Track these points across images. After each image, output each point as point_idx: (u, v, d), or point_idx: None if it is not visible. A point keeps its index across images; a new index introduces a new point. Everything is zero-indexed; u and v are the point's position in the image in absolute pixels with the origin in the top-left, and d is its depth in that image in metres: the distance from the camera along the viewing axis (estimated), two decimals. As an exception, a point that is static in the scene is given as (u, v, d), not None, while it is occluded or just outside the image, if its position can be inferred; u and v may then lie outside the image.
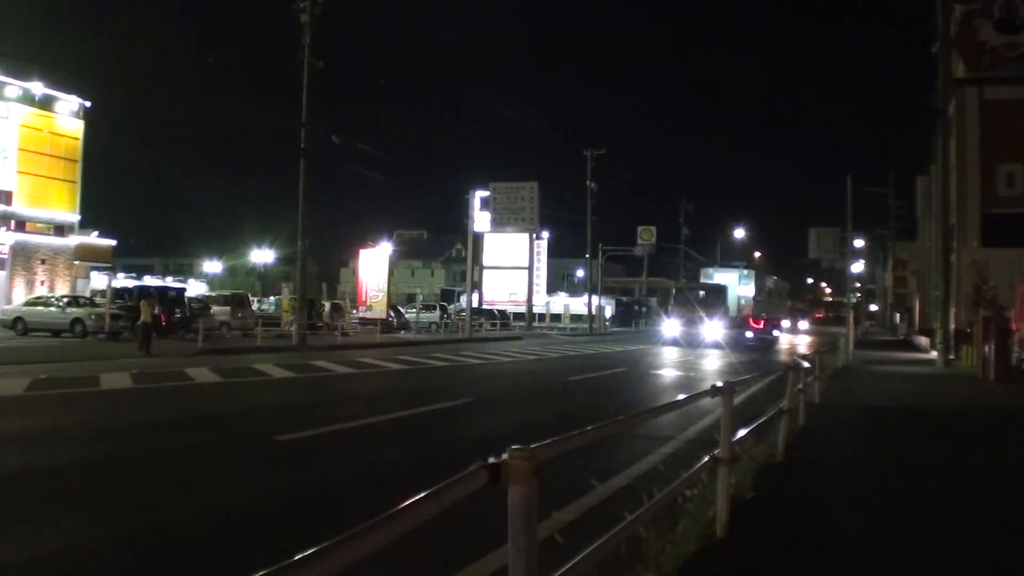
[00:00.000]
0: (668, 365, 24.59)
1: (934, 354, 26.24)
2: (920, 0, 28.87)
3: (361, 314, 42.81)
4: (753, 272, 62.14)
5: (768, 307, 63.53)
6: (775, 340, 45.00)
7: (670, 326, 40.68)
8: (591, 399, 14.59)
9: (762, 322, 45.26)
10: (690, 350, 32.86)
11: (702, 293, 44.06)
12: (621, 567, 4.19)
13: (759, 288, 76.99)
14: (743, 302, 67.04)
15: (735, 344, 36.45)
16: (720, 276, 66.08)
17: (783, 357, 28.99)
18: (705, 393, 5.30)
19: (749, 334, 41.64)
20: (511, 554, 2.51)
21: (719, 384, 5.26)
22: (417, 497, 2.11)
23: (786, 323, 68.11)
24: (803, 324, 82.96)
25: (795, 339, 51.93)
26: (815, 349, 24.35)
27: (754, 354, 31.07)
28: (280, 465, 7.78)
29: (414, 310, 52.70)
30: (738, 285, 64.44)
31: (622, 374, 20.57)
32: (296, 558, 1.63)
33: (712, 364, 25.55)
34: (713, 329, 38.87)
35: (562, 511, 5.75)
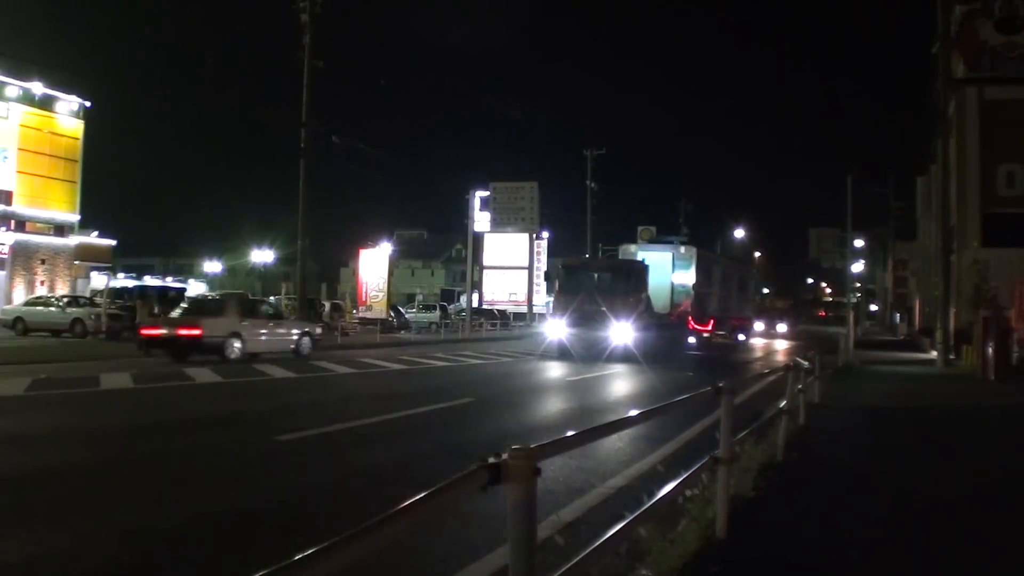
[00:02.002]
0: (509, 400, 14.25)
1: (934, 354, 26.24)
2: (920, 0, 28.87)
3: (361, 314, 42.82)
4: (695, 251, 37.13)
5: (726, 303, 38.21)
6: (738, 346, 36.83)
7: (555, 327, 25.78)
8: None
9: (711, 323, 33.14)
10: (580, 367, 21.37)
11: (606, 277, 26.80)
12: (621, 567, 4.19)
13: (705, 274, 42.22)
14: (682, 294, 38.74)
15: (665, 355, 25.18)
16: (645, 256, 36.73)
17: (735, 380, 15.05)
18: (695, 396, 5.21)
19: (691, 340, 31.02)
20: (511, 554, 2.52)
21: (720, 384, 5.23)
22: (417, 497, 2.11)
23: (757, 325, 52.74)
24: (782, 327, 64.83)
25: (764, 348, 39.69)
26: (782, 363, 15.98)
27: (689, 373, 20.55)
28: (280, 465, 7.77)
29: (414, 310, 52.71)
30: (672, 270, 36.83)
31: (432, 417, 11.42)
32: (296, 558, 1.63)
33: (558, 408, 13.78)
34: (623, 332, 24.18)
35: (562, 511, 5.76)
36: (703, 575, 4.46)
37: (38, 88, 38.45)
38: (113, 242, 44.90)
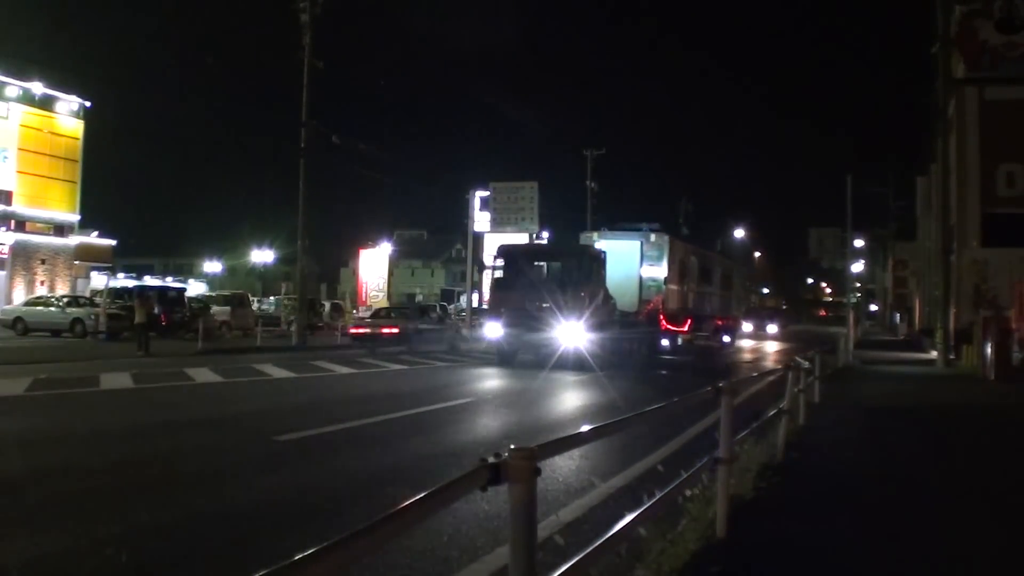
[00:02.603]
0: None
1: (934, 354, 26.25)
2: (920, 0, 28.86)
3: (361, 314, 42.87)
4: (667, 240, 29.56)
5: (707, 300, 34.55)
6: (723, 349, 33.37)
7: (492, 328, 22.08)
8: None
9: (688, 322, 29.15)
10: (521, 375, 18.67)
11: (554, 267, 22.56)
12: (621, 567, 4.19)
13: (681, 267, 32.73)
14: (652, 289, 30.92)
15: (630, 360, 22.43)
16: (609, 246, 28.35)
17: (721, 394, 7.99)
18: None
19: (664, 342, 27.12)
20: (511, 554, 2.52)
21: (720, 384, 5.25)
22: (417, 497, 2.11)
23: (745, 326, 49.66)
24: (772, 328, 60.12)
25: (752, 351, 37.02)
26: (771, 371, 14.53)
27: (663, 372, 21.12)
28: (280, 465, 7.77)
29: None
30: (640, 262, 29.03)
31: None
32: (296, 558, 1.63)
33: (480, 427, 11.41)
34: (574, 333, 20.11)
35: (562, 511, 5.76)
36: (703, 575, 4.46)
37: (38, 88, 38.46)
38: (113, 242, 44.91)
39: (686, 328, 29.11)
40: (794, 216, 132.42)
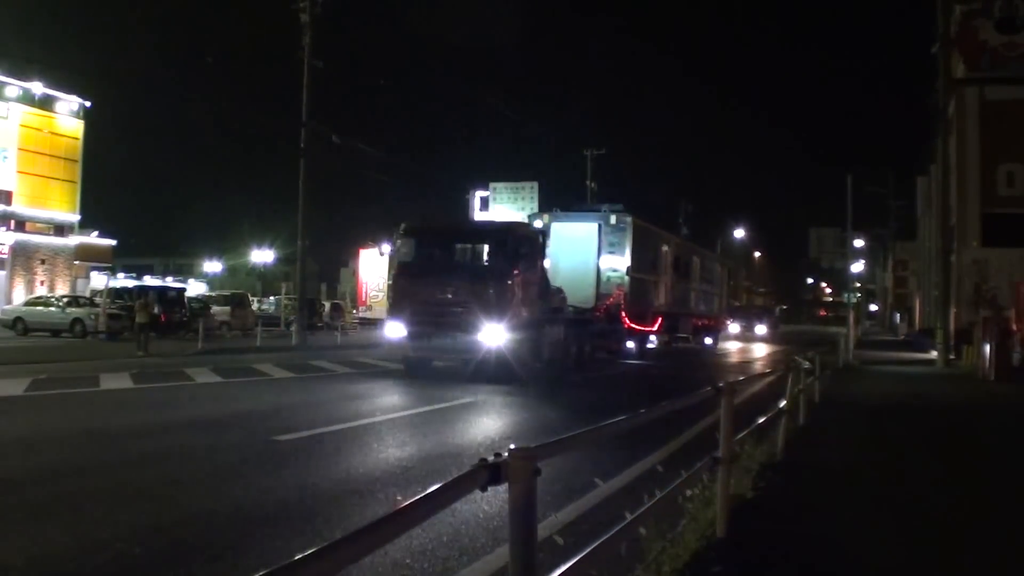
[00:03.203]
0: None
1: (934, 354, 26.25)
2: (920, 0, 28.89)
3: (361, 314, 42.85)
4: (630, 222, 23.44)
5: (685, 296, 29.88)
6: (703, 352, 30.30)
7: (394, 329, 16.95)
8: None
9: (658, 321, 25.13)
10: (429, 390, 14.29)
11: (473, 250, 17.84)
12: (621, 567, 4.19)
13: (649, 256, 26.17)
14: (613, 281, 24.31)
15: (582, 366, 19.44)
16: (562, 230, 23.52)
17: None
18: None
19: (630, 344, 23.90)
20: (511, 554, 2.52)
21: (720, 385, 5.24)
22: (417, 497, 2.11)
23: (731, 325, 46.35)
24: (761, 328, 54.91)
25: (738, 354, 32.50)
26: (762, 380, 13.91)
27: (575, 406, 13.20)
28: (279, 465, 7.77)
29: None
30: (599, 250, 23.43)
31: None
32: (296, 558, 1.63)
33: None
34: (498, 334, 15.88)
35: (562, 511, 5.76)
36: (703, 575, 4.46)
37: (38, 88, 38.44)
38: (113, 242, 44.91)
39: (656, 327, 25.51)
40: (794, 216, 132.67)
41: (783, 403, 8.53)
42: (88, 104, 41.17)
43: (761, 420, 7.84)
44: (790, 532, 5.52)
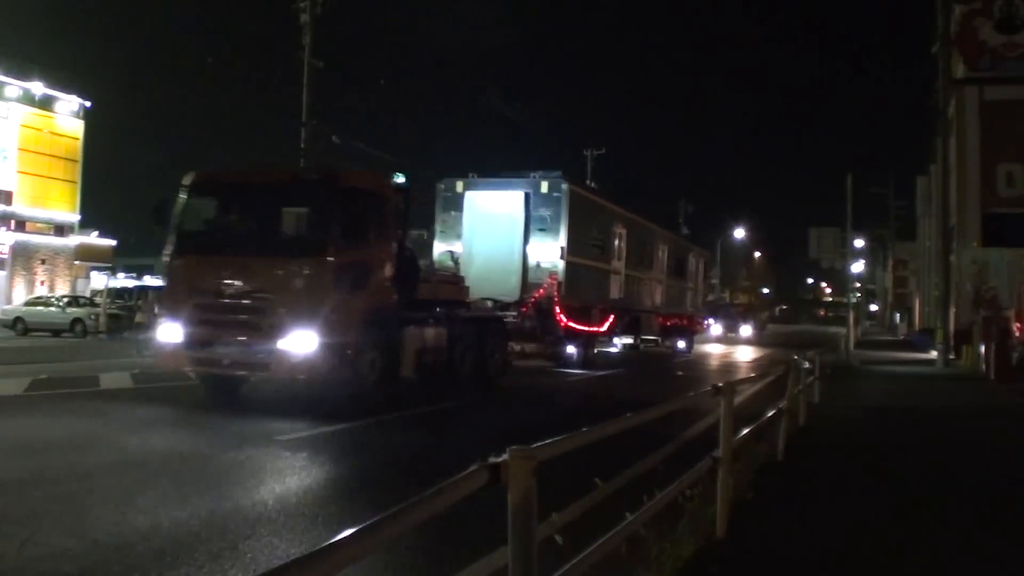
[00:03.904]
0: None
1: (934, 354, 26.26)
2: (920, 0, 28.89)
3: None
4: (566, 191, 18.05)
5: (649, 290, 25.18)
6: (675, 358, 26.41)
7: (168, 328, 11.33)
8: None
9: (609, 319, 21.04)
10: (211, 426, 10.06)
11: (273, 212, 11.80)
12: (621, 567, 4.19)
13: (593, 236, 20.45)
14: (545, 268, 18.32)
15: (484, 378, 14.82)
16: (478, 200, 18.83)
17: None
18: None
19: (571, 349, 19.35)
20: (511, 554, 2.52)
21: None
22: (417, 497, 2.12)
23: (713, 326, 42.04)
24: (746, 329, 49.78)
25: (719, 360, 28.18)
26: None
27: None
28: (280, 465, 7.78)
29: None
30: (525, 228, 18.14)
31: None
32: (296, 558, 1.64)
33: None
34: (303, 339, 10.37)
35: (562, 511, 5.75)
36: (703, 575, 4.46)
37: (38, 88, 38.43)
38: (113, 242, 44.89)
39: (605, 327, 20.95)
40: (794, 216, 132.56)
41: (783, 403, 8.53)
42: (88, 104, 41.17)
43: (761, 420, 7.84)
44: (790, 533, 5.52)
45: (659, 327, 26.54)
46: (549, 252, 18.17)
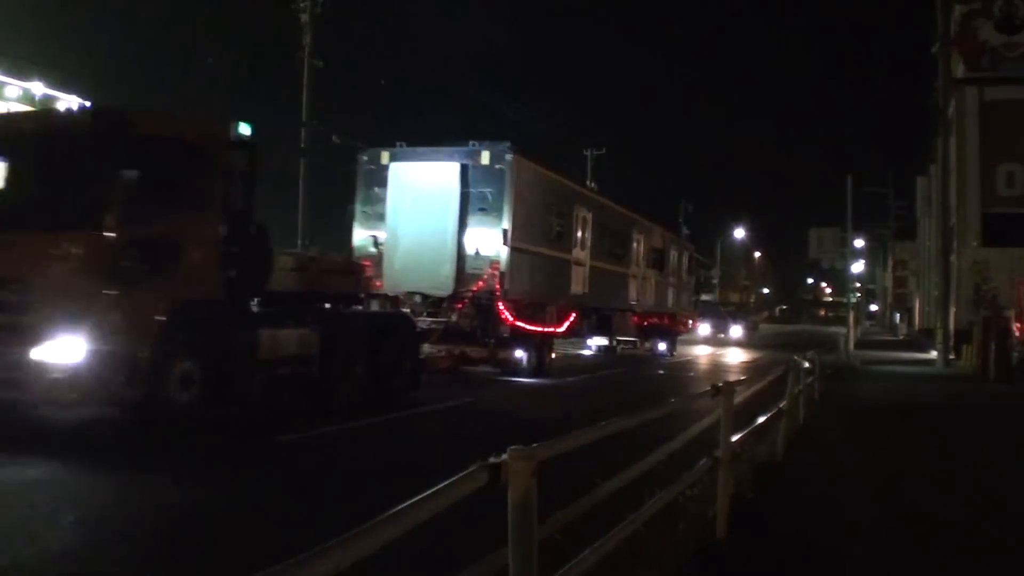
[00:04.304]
0: None
1: (934, 354, 26.26)
2: (920, 0, 28.89)
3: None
4: (511, 163, 14.60)
5: (622, 285, 21.99)
6: (655, 362, 23.98)
7: None
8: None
9: (570, 318, 18.37)
10: None
11: (32, 170, 8.70)
12: (621, 567, 4.19)
13: (547, 217, 16.99)
14: (485, 258, 14.94)
15: (362, 405, 10.70)
16: (404, 173, 15.42)
17: None
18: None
19: (519, 354, 16.10)
20: (511, 554, 2.52)
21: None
22: (417, 497, 2.12)
23: (699, 326, 39.45)
24: (736, 330, 46.43)
25: (707, 365, 25.72)
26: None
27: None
28: (281, 465, 7.78)
29: None
30: (462, 206, 14.82)
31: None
32: (296, 558, 1.64)
33: None
34: (64, 349, 7.49)
35: (562, 511, 5.75)
36: (703, 575, 4.46)
37: (38, 88, 38.40)
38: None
39: (564, 328, 17.99)
40: (794, 216, 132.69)
41: (783, 403, 8.53)
42: (88, 104, 41.20)
43: (761, 420, 7.85)
44: (790, 533, 5.52)
45: (636, 327, 24.15)
46: (490, 237, 14.97)
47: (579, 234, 18.72)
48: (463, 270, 14.99)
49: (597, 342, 23.88)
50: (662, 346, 26.63)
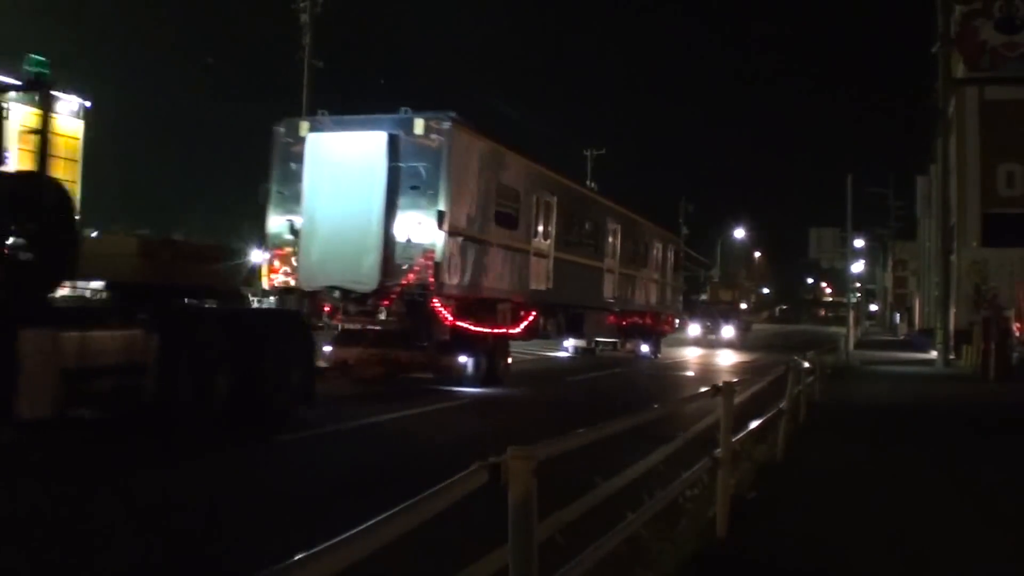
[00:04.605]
0: None
1: (934, 354, 26.26)
2: (920, 0, 28.89)
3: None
4: (450, 132, 12.36)
5: (590, 279, 18.84)
6: (639, 364, 22.02)
7: None
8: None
9: (530, 317, 16.01)
10: None
11: None
12: (621, 567, 4.19)
13: (498, 196, 14.26)
14: (418, 246, 12.48)
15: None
16: (321, 145, 13.10)
17: None
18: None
19: (463, 360, 13.90)
20: (511, 554, 2.52)
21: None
22: (417, 497, 2.12)
23: (689, 326, 38.52)
24: (728, 331, 42.85)
25: (697, 371, 22.35)
26: None
27: None
28: (281, 465, 7.77)
29: None
30: (390, 184, 12.36)
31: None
32: (296, 558, 1.63)
33: None
34: None
35: (562, 511, 5.75)
36: (703, 575, 4.46)
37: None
38: (113, 242, 44.93)
39: (520, 328, 15.64)
40: (794, 216, 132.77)
41: (783, 403, 8.53)
42: (88, 104, 41.21)
43: (761, 420, 7.84)
44: (790, 533, 5.52)
45: (615, 327, 22.00)
46: (424, 221, 12.64)
47: (540, 221, 16.27)
48: (391, 260, 12.68)
49: (575, 344, 22.46)
50: (645, 348, 24.70)
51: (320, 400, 10.39)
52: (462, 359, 13.87)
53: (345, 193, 12.80)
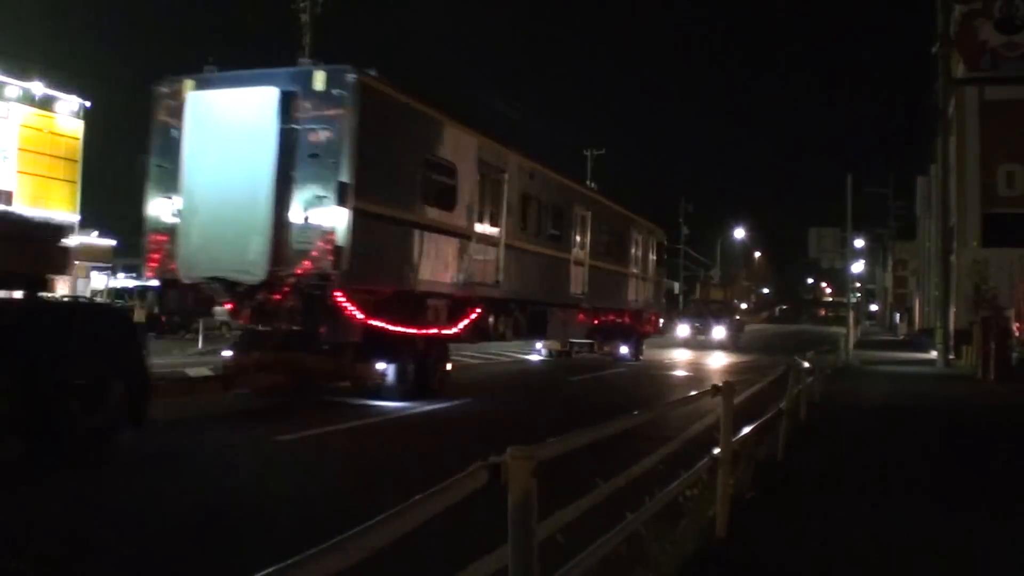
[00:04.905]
0: None
1: (934, 354, 26.26)
2: (920, 0, 28.89)
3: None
4: (355, 83, 9.67)
5: (549, 269, 16.00)
6: (617, 368, 20.18)
7: None
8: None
9: (474, 313, 13.72)
10: None
11: None
12: (621, 567, 4.19)
13: (429, 168, 11.84)
14: (313, 231, 10.07)
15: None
16: (201, 104, 10.86)
17: None
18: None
19: (382, 367, 11.48)
20: (511, 554, 2.52)
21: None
22: (417, 497, 2.12)
23: (678, 326, 37.70)
24: (720, 331, 40.65)
25: (656, 378, 18.86)
26: None
27: None
28: (280, 465, 7.78)
29: None
30: (282, 151, 9.93)
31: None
32: (297, 558, 1.63)
33: None
34: None
35: (562, 511, 5.75)
36: (703, 575, 4.46)
37: (38, 88, 38.34)
38: (113, 242, 44.86)
39: (459, 328, 13.44)
40: (794, 216, 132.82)
41: (783, 403, 8.53)
42: (88, 104, 41.19)
43: (761, 420, 7.84)
44: (790, 533, 5.52)
45: (586, 326, 19.75)
46: (324, 196, 10.33)
47: (483, 201, 13.77)
48: (284, 245, 10.42)
49: (550, 346, 20.61)
50: (624, 349, 22.39)
51: (165, 421, 8.67)
52: (379, 366, 11.48)
53: (230, 163, 10.65)
